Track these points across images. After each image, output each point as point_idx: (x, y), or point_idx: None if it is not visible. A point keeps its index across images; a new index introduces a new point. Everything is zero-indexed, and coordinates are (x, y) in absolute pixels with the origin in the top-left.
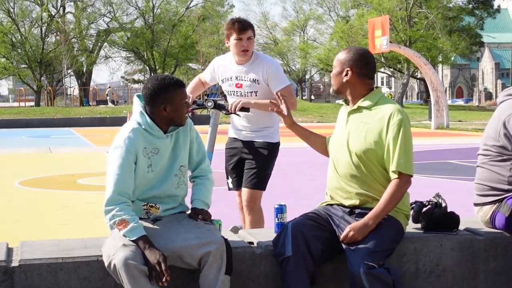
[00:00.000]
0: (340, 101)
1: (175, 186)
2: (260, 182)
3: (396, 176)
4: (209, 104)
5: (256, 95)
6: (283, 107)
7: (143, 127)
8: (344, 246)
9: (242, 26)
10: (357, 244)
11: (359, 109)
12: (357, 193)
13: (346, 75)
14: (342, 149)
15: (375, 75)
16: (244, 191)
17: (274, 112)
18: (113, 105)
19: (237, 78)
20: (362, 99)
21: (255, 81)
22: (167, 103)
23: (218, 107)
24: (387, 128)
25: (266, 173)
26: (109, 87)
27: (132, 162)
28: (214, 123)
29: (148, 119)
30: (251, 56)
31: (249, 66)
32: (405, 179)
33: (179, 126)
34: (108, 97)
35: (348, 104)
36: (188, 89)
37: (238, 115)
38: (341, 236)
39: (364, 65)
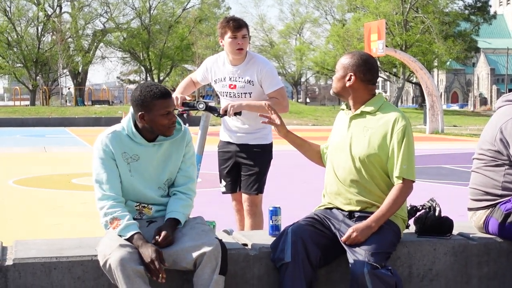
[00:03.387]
0: (342, 106)
1: (160, 195)
2: (260, 187)
3: (400, 181)
4: (201, 106)
5: (250, 97)
6: (274, 117)
7: (125, 132)
8: (346, 247)
9: (238, 24)
10: (360, 245)
11: (362, 114)
12: (357, 200)
13: (349, 80)
14: (344, 154)
15: None
16: (245, 197)
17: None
18: (71, 105)
19: (230, 79)
20: (365, 104)
21: (249, 82)
22: (145, 112)
23: (209, 109)
24: (392, 134)
25: (265, 176)
26: (69, 88)
27: (111, 160)
28: (204, 125)
29: (132, 125)
30: (246, 57)
31: (243, 67)
32: (408, 184)
33: (165, 136)
34: (67, 98)
35: (350, 109)
36: (179, 89)
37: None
38: (344, 237)
39: (367, 71)
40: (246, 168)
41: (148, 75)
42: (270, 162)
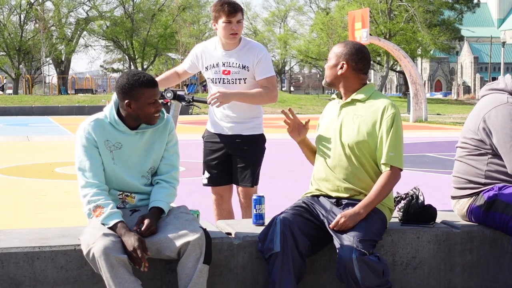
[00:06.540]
0: (333, 95)
1: (143, 184)
2: (255, 179)
3: (387, 169)
4: (168, 94)
5: (244, 83)
6: (297, 121)
7: (108, 120)
8: (333, 233)
9: (232, 9)
10: (348, 232)
11: (353, 102)
12: (345, 187)
13: (341, 68)
14: (334, 141)
15: None
16: (240, 189)
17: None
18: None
19: (224, 64)
20: (356, 92)
21: (244, 67)
22: (132, 100)
23: (177, 98)
24: (381, 121)
25: (259, 168)
26: (5, 77)
27: (94, 148)
28: (174, 115)
29: (115, 113)
30: (240, 42)
31: (238, 52)
32: (395, 172)
33: (149, 125)
34: (4, 87)
35: (341, 98)
36: (158, 79)
37: (198, 107)
38: (332, 223)
39: (360, 60)
40: (240, 159)
41: (131, 63)
42: (264, 153)
